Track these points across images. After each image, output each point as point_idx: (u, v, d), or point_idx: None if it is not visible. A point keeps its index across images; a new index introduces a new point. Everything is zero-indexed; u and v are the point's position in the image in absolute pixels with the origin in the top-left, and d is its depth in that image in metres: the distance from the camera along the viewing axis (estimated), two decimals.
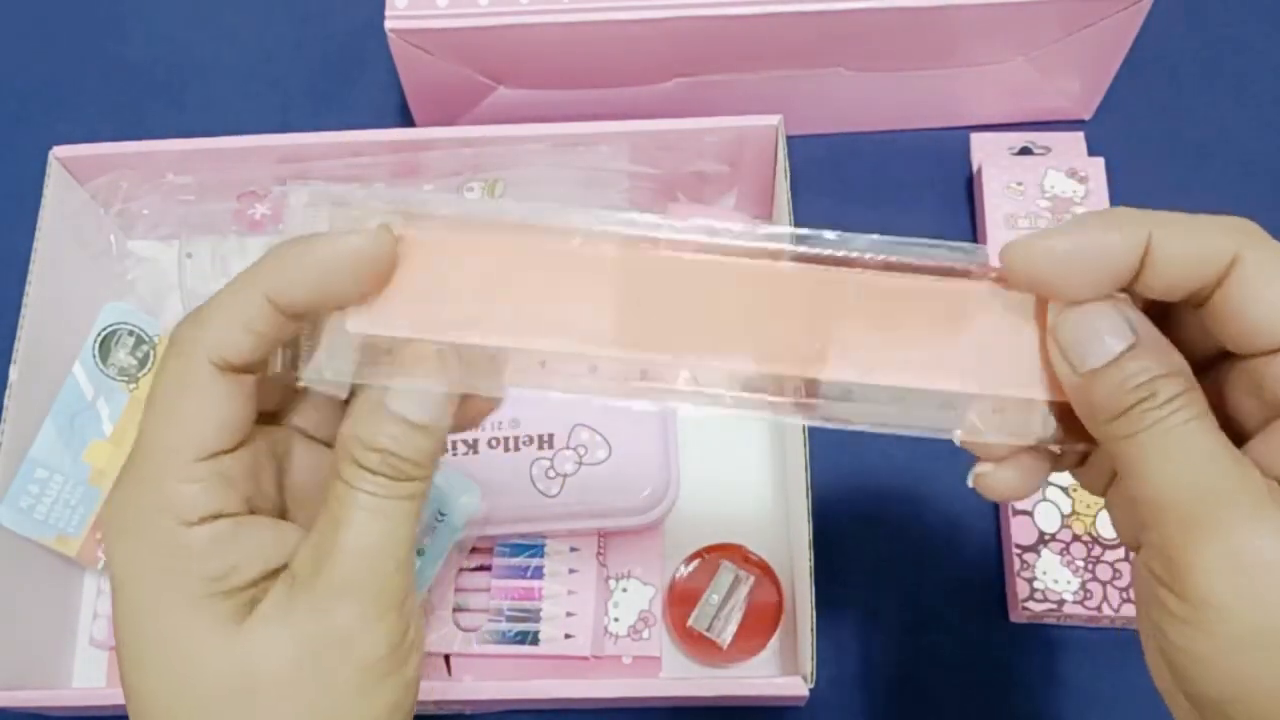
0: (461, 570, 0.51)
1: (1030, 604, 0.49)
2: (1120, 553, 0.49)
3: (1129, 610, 0.48)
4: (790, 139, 0.52)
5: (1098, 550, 0.49)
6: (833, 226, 0.58)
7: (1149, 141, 0.60)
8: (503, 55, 0.54)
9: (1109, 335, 0.27)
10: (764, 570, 0.51)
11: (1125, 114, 0.60)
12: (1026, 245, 0.28)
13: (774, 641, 0.50)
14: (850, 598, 0.52)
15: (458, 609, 0.50)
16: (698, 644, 0.50)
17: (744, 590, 0.50)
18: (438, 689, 0.47)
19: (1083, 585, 0.49)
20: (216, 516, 0.28)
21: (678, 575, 0.51)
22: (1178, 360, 0.27)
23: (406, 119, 0.59)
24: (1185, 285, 0.27)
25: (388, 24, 0.51)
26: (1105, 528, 0.50)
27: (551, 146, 0.52)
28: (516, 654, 0.49)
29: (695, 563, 0.51)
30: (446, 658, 0.50)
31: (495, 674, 0.50)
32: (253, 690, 0.28)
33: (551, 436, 0.51)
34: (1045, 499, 0.50)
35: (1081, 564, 0.49)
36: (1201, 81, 0.61)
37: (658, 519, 0.51)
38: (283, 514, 0.31)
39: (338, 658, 0.28)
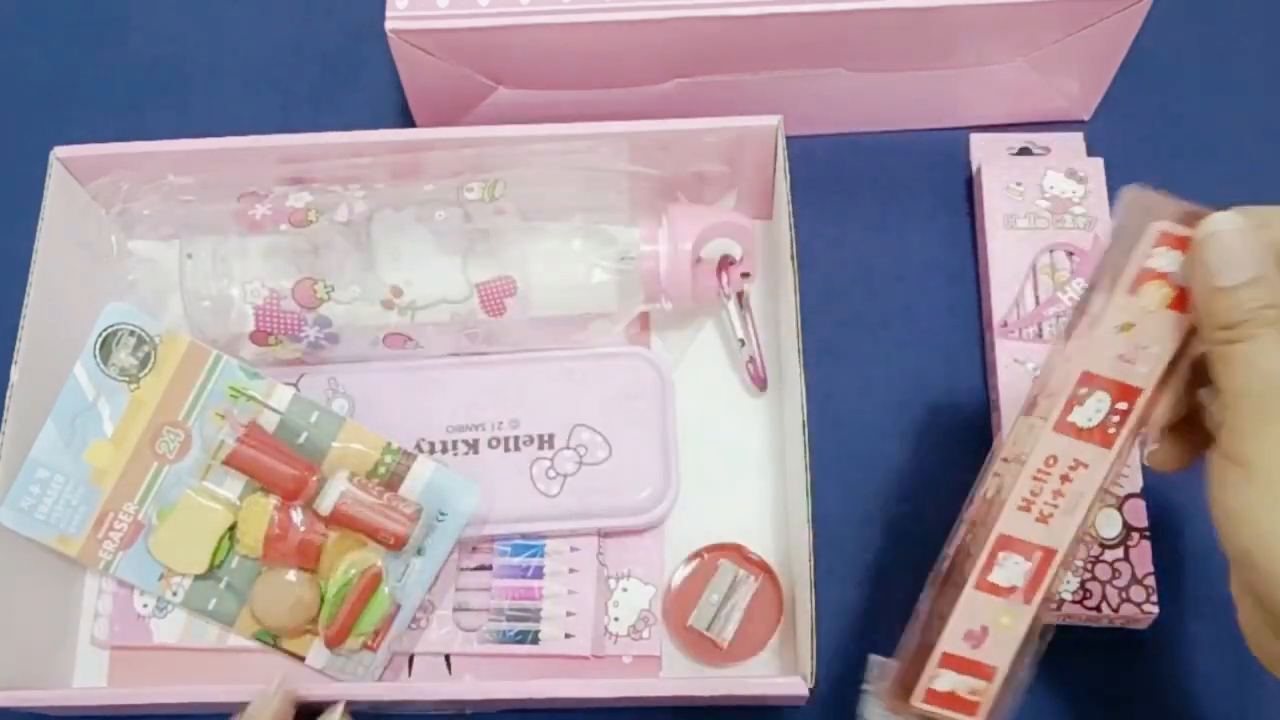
0: (462, 570, 0.51)
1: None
2: (1119, 552, 0.49)
3: (1128, 610, 0.48)
4: (790, 139, 0.52)
5: (1097, 550, 0.49)
6: (833, 226, 0.58)
7: (1148, 141, 0.60)
8: (503, 55, 0.54)
9: (1240, 265, 0.36)
10: (764, 570, 0.51)
11: (1125, 114, 0.60)
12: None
13: (774, 641, 0.50)
14: (850, 597, 0.52)
15: (458, 608, 0.50)
16: (698, 644, 0.50)
17: (744, 590, 0.50)
18: (439, 688, 0.47)
19: (1082, 585, 0.49)
20: None
21: (677, 575, 0.51)
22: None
23: (407, 119, 0.59)
24: None
25: (388, 25, 0.51)
26: (1105, 527, 0.50)
27: (551, 147, 0.52)
28: (517, 653, 0.50)
29: (695, 562, 0.51)
30: (447, 657, 0.50)
31: (496, 673, 0.50)
32: None
33: (552, 437, 0.51)
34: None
35: (1080, 564, 0.49)
36: (1201, 81, 0.61)
37: (658, 519, 0.51)
38: None
39: None
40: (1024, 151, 0.59)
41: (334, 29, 0.65)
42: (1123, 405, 0.38)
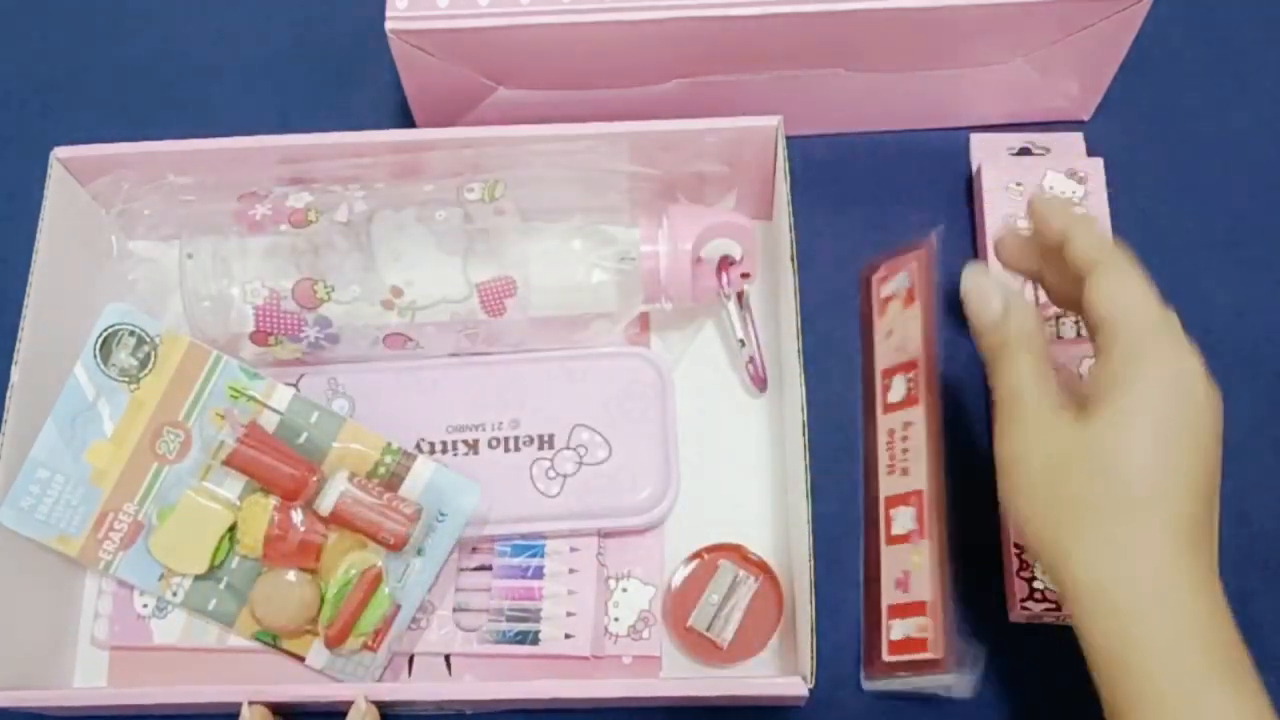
0: (462, 570, 0.51)
1: (1029, 604, 0.49)
2: None
3: None
4: (790, 139, 0.52)
5: None
6: (833, 226, 0.58)
7: (1148, 142, 0.60)
8: (503, 56, 0.54)
9: (991, 302, 0.43)
10: (764, 570, 0.51)
11: (1124, 114, 0.60)
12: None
13: (774, 641, 0.50)
14: (850, 598, 0.52)
15: (458, 609, 0.50)
16: (698, 644, 0.50)
17: (744, 590, 0.50)
18: (439, 689, 0.47)
19: None
20: None
21: (677, 575, 0.51)
22: (1030, 324, 0.42)
23: (407, 120, 0.59)
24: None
25: (388, 25, 0.51)
26: None
27: (551, 147, 0.52)
28: (517, 654, 0.50)
29: (695, 563, 0.51)
30: (447, 658, 0.50)
31: (496, 674, 0.50)
32: None
33: (552, 437, 0.51)
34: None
35: None
36: (1201, 81, 0.61)
37: (658, 519, 0.51)
38: None
39: None
40: (1024, 152, 0.59)
41: (334, 29, 0.65)
42: (911, 375, 0.51)
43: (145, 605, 0.50)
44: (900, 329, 0.52)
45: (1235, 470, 0.52)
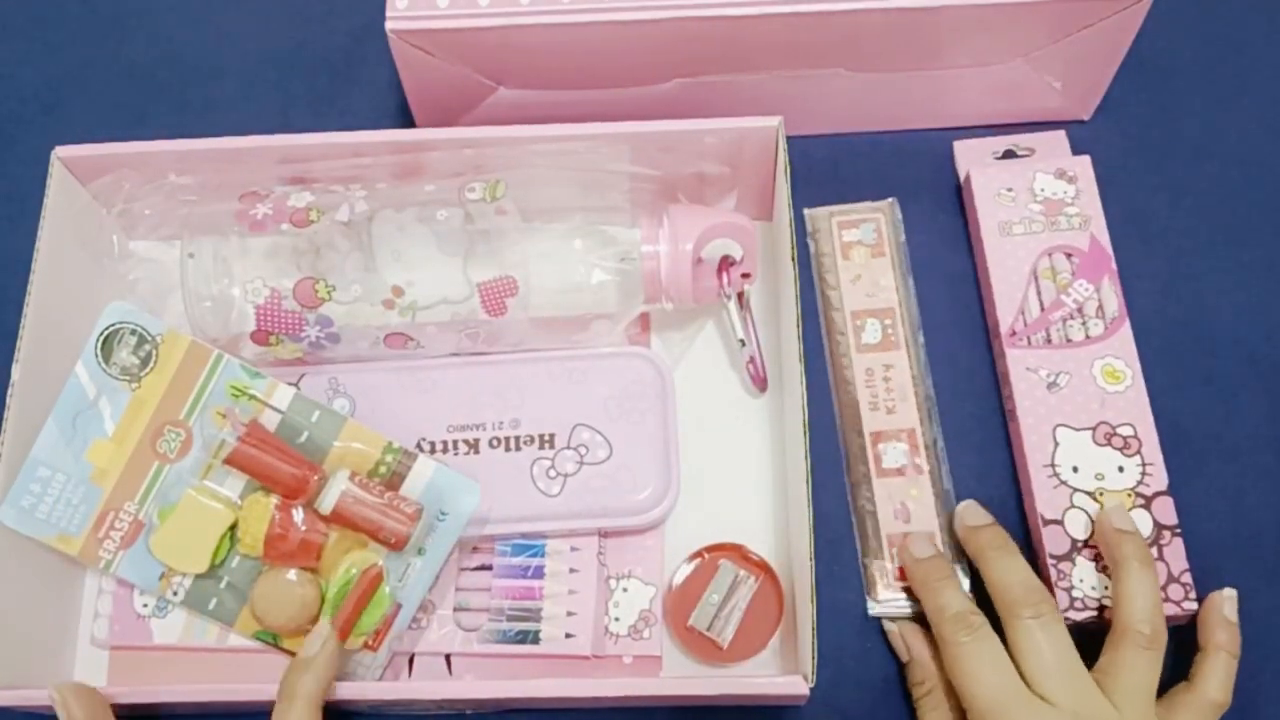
0: (463, 570, 0.51)
1: (1071, 613, 0.48)
2: (1154, 552, 0.49)
3: (1168, 609, 0.48)
4: (790, 139, 0.52)
5: None
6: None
7: (1148, 142, 0.60)
8: (503, 56, 0.54)
9: (900, 651, 0.50)
10: (764, 570, 0.51)
11: (1124, 114, 0.60)
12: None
13: (774, 641, 0.50)
14: (850, 598, 0.52)
15: (459, 608, 0.50)
16: (698, 643, 0.50)
17: (744, 590, 0.50)
18: (439, 688, 0.47)
19: None
20: None
21: (678, 575, 0.51)
22: (930, 671, 0.48)
23: (407, 119, 0.59)
24: None
25: (388, 25, 0.51)
26: (1136, 525, 0.49)
27: (552, 148, 0.52)
28: (517, 653, 0.50)
29: (695, 562, 0.51)
30: (448, 657, 0.50)
31: (496, 673, 0.50)
32: None
33: (552, 436, 0.51)
34: (1073, 506, 0.50)
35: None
36: (1200, 82, 0.61)
37: (658, 519, 0.51)
38: None
39: None
40: (1008, 154, 0.59)
41: (334, 29, 0.65)
42: (888, 321, 0.55)
43: (145, 605, 0.50)
44: (870, 275, 0.56)
45: (1235, 470, 0.53)
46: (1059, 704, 0.43)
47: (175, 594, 0.48)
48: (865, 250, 0.56)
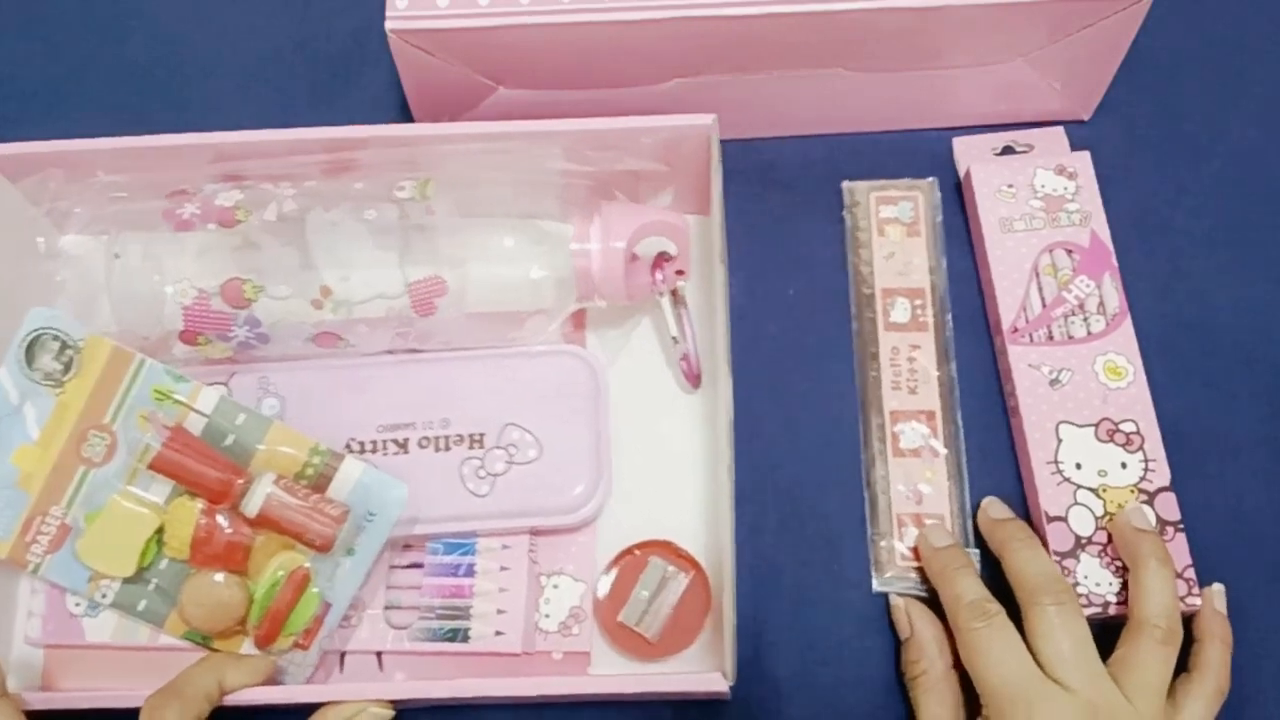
0: (393, 568, 0.51)
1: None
2: None
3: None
4: (789, 140, 0.52)
5: None
6: (832, 226, 0.58)
7: (1147, 142, 0.59)
8: (503, 56, 0.53)
9: (902, 628, 0.51)
10: (694, 566, 0.51)
11: (1124, 114, 0.60)
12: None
13: (706, 635, 0.50)
14: (851, 597, 0.52)
15: (389, 606, 0.51)
16: (628, 639, 0.50)
17: (673, 586, 0.51)
18: (368, 688, 0.47)
19: (1125, 583, 0.48)
20: None
21: (609, 571, 0.51)
22: (927, 654, 0.49)
23: (407, 119, 0.59)
24: None
25: (388, 25, 0.51)
26: (1138, 523, 0.49)
27: (486, 146, 0.52)
28: (447, 651, 0.50)
29: (626, 559, 0.51)
30: (379, 655, 0.50)
31: (426, 670, 0.50)
32: None
33: (482, 436, 0.51)
34: (1077, 503, 0.50)
35: (1120, 563, 0.49)
36: (1200, 81, 0.61)
37: (588, 517, 0.51)
38: None
39: None
40: (1007, 151, 0.58)
41: (334, 29, 0.65)
42: (918, 301, 0.55)
43: (78, 604, 0.50)
44: (903, 254, 0.56)
45: (1235, 470, 0.53)
46: (1074, 690, 0.44)
47: (104, 596, 0.49)
48: (901, 228, 0.56)
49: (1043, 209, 0.56)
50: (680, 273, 0.54)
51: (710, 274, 0.55)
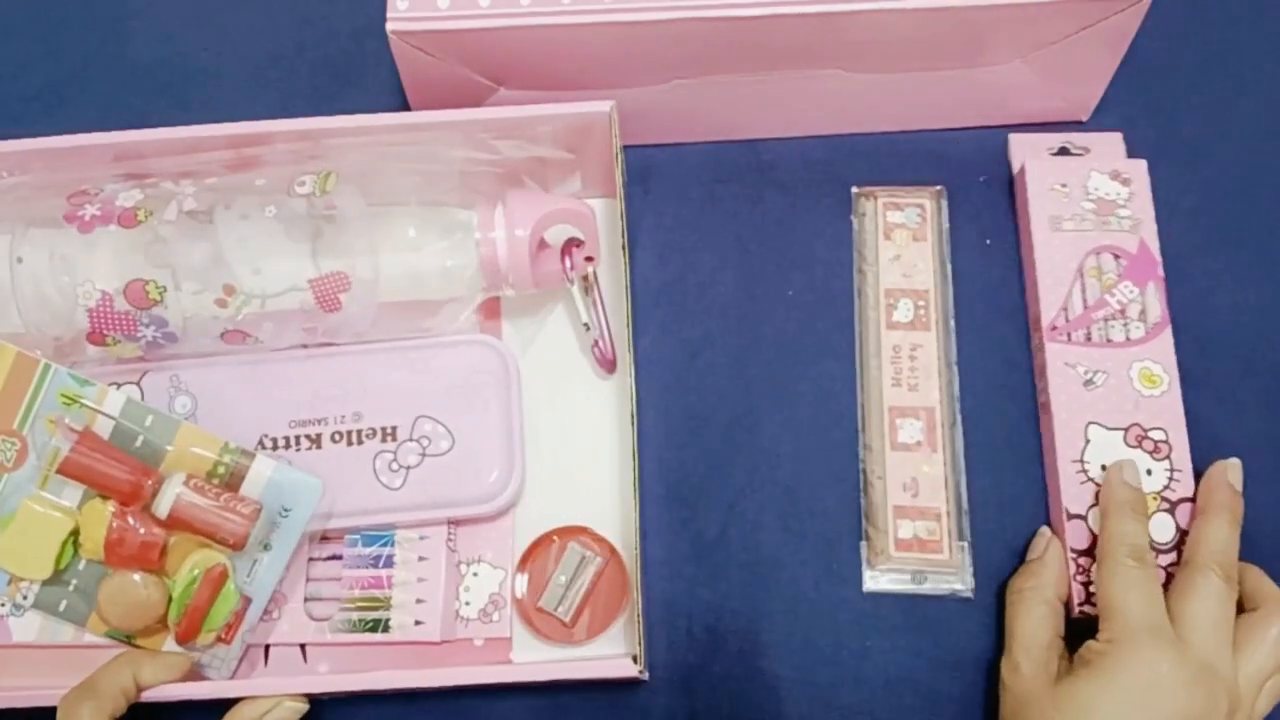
0: (313, 560, 0.52)
1: (1088, 608, 0.49)
2: (1173, 556, 0.49)
3: None
4: (788, 140, 0.53)
5: (1151, 555, 0.48)
6: (832, 227, 0.59)
7: (1146, 143, 0.59)
8: (503, 56, 0.53)
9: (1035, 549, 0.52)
10: (610, 551, 0.52)
11: (1123, 115, 0.60)
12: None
13: (625, 619, 0.51)
14: (851, 596, 0.52)
15: (310, 599, 0.51)
16: (547, 623, 0.51)
17: (590, 570, 0.52)
18: (291, 682, 0.48)
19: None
20: None
21: (527, 557, 0.52)
22: (1045, 581, 0.50)
23: None
24: None
25: (389, 25, 0.51)
26: (1157, 530, 0.50)
27: (389, 137, 0.52)
28: (368, 641, 0.51)
29: (544, 545, 0.52)
30: (302, 647, 0.51)
31: (349, 661, 0.51)
32: None
33: (395, 429, 0.52)
34: (1097, 503, 0.51)
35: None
36: (1201, 81, 0.61)
37: (503, 506, 0.52)
38: None
39: None
40: (1063, 151, 0.58)
41: (335, 30, 0.65)
42: (921, 303, 0.56)
43: (3, 605, 0.51)
44: (909, 257, 0.57)
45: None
46: (1196, 648, 0.45)
47: (25, 598, 0.49)
48: (907, 233, 0.57)
49: (1094, 211, 0.56)
50: (590, 259, 0.54)
51: (613, 259, 0.55)
